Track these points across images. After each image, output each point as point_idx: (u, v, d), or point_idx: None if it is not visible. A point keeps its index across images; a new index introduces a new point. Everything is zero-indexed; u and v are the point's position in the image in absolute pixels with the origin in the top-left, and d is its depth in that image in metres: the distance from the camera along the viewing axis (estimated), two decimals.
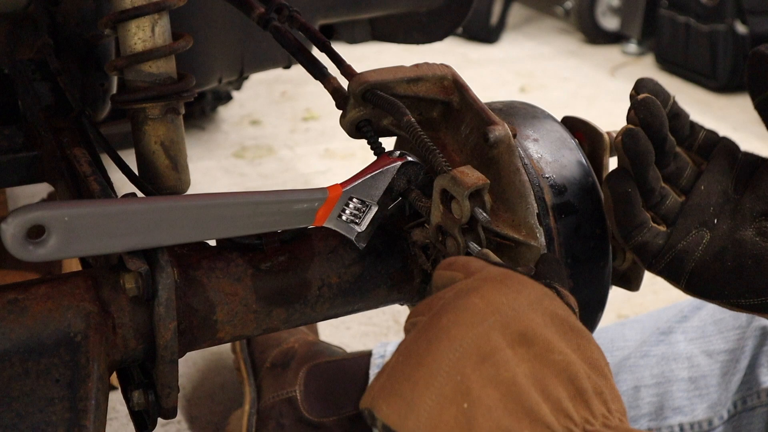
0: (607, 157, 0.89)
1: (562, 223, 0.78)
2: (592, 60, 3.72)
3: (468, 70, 3.31)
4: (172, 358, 0.72)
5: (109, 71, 0.88)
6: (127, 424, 1.41)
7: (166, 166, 0.88)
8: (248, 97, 2.94)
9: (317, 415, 1.30)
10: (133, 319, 0.71)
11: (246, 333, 0.78)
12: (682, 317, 1.29)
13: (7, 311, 0.66)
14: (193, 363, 1.57)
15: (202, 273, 0.75)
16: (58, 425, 0.67)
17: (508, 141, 0.75)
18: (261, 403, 1.34)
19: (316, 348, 1.39)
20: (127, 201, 0.66)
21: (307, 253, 0.79)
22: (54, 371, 0.67)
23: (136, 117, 0.87)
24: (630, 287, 0.91)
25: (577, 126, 0.90)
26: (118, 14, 0.84)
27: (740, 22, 3.23)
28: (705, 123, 0.89)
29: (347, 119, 0.81)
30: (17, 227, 0.59)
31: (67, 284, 0.70)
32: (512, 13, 4.08)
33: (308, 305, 0.80)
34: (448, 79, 0.81)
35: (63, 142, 0.88)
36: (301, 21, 0.94)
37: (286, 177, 2.43)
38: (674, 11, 3.45)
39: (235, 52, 1.36)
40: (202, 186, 2.30)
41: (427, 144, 0.74)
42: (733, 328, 1.23)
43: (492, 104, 0.87)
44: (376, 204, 0.75)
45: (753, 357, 1.19)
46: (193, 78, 0.89)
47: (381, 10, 1.47)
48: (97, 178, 0.79)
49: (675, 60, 3.48)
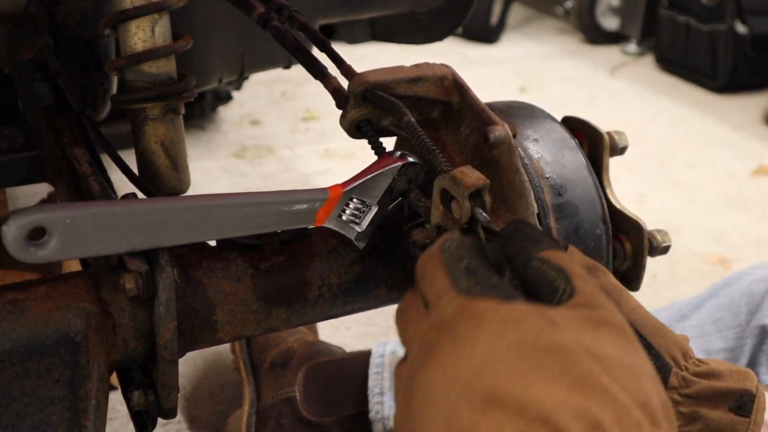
0: (607, 157, 0.89)
1: (562, 223, 0.78)
2: (592, 60, 3.72)
3: (468, 70, 3.30)
4: (172, 358, 0.72)
5: (109, 71, 0.88)
6: (127, 424, 1.41)
7: (166, 166, 0.88)
8: (248, 97, 2.94)
9: (316, 415, 1.30)
10: (133, 319, 0.71)
11: (246, 333, 0.78)
12: (681, 316, 1.29)
13: (7, 311, 0.67)
14: (193, 363, 1.57)
15: (202, 273, 0.75)
16: (58, 425, 0.67)
17: (508, 141, 0.75)
18: (260, 403, 1.34)
19: (315, 348, 1.39)
20: (128, 202, 0.66)
21: (307, 253, 0.79)
22: (54, 371, 0.67)
23: (136, 117, 0.87)
24: (630, 287, 0.91)
25: (577, 126, 0.89)
26: (118, 14, 0.84)
27: (740, 22, 3.23)
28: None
29: (347, 119, 0.81)
30: (18, 229, 0.59)
31: (67, 284, 0.70)
32: (512, 13, 4.08)
33: (308, 305, 0.80)
34: (448, 79, 0.81)
35: (63, 142, 0.88)
36: (301, 21, 0.94)
37: (286, 177, 2.43)
38: (674, 11, 3.45)
39: (235, 52, 1.36)
40: (202, 186, 2.30)
41: (428, 144, 0.74)
42: (732, 327, 1.23)
43: (492, 104, 0.87)
44: (377, 204, 0.75)
45: (752, 356, 1.19)
46: (193, 78, 0.89)
47: (381, 10, 1.47)
48: (97, 178, 0.79)
49: (675, 60, 3.48)
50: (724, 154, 2.73)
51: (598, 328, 0.53)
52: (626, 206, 0.86)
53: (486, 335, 0.52)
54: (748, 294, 1.24)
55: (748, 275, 1.28)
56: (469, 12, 1.47)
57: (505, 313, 0.53)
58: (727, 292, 1.28)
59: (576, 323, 0.53)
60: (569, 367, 0.50)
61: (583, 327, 0.53)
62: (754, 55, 3.23)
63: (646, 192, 2.45)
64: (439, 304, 0.56)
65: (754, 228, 2.27)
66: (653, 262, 0.89)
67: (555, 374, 0.49)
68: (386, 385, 1.30)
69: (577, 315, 0.53)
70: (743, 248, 2.15)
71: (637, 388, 0.50)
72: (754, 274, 1.28)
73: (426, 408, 0.52)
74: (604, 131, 0.90)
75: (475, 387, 0.50)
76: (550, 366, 0.50)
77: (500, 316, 0.53)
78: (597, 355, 0.51)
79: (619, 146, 0.88)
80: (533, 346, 0.51)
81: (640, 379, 0.51)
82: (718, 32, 3.25)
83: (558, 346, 0.50)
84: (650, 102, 3.18)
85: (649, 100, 3.20)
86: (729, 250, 2.14)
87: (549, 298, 0.56)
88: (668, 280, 1.99)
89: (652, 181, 2.53)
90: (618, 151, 0.88)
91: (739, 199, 2.43)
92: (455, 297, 0.55)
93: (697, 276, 2.01)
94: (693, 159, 2.70)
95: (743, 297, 1.25)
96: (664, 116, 3.04)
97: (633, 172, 2.54)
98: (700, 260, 2.09)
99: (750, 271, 1.29)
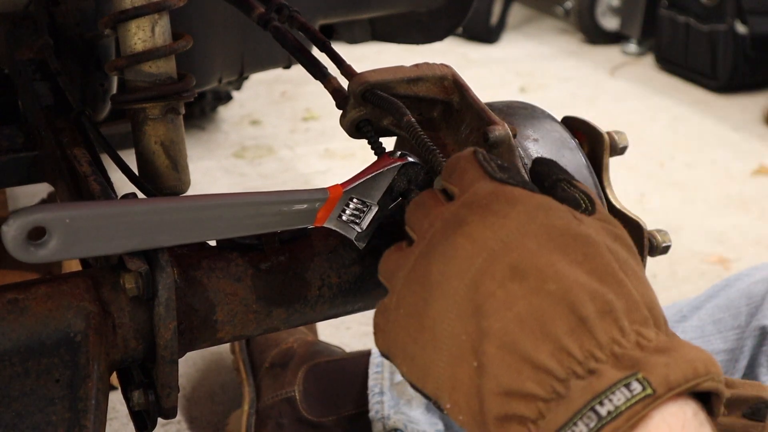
0: (607, 157, 0.89)
1: None
2: (592, 60, 3.72)
3: (468, 70, 3.31)
4: (172, 358, 0.72)
5: (109, 71, 0.88)
6: (127, 424, 1.41)
7: (166, 166, 0.88)
8: (248, 97, 2.94)
9: (316, 415, 1.30)
10: (133, 319, 0.71)
11: (246, 333, 0.78)
12: (681, 317, 1.29)
13: (7, 311, 0.66)
14: (193, 363, 1.57)
15: (202, 273, 0.75)
16: (58, 425, 0.67)
17: (508, 141, 0.75)
18: (260, 403, 1.34)
19: (315, 348, 1.39)
20: (128, 202, 0.66)
21: (307, 253, 0.79)
22: (54, 371, 0.67)
23: (136, 117, 0.87)
24: None
25: (577, 126, 0.89)
26: (118, 14, 0.84)
27: (740, 22, 3.23)
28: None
29: (347, 119, 0.81)
30: (18, 229, 0.59)
31: (67, 284, 0.70)
32: (512, 13, 4.09)
33: (308, 305, 0.80)
34: (448, 79, 0.81)
35: (63, 142, 0.88)
36: (301, 21, 0.94)
37: (286, 177, 2.43)
38: (674, 11, 3.45)
39: (235, 52, 1.36)
40: (202, 186, 2.30)
41: (427, 144, 0.74)
42: (732, 328, 1.23)
43: (492, 104, 0.87)
44: (377, 204, 0.75)
45: (752, 357, 1.19)
46: (193, 78, 0.89)
47: (381, 10, 1.47)
48: (97, 178, 0.79)
49: (675, 60, 3.48)
50: (724, 154, 2.73)
51: (615, 239, 0.56)
52: (626, 206, 0.86)
53: (518, 214, 0.54)
54: (747, 295, 1.24)
55: (747, 276, 1.28)
56: (469, 12, 1.47)
57: (538, 200, 0.56)
58: (726, 292, 1.28)
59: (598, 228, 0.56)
60: (592, 256, 0.52)
61: (604, 233, 0.56)
62: (754, 55, 3.23)
63: (646, 192, 2.45)
64: (471, 188, 0.58)
65: (754, 228, 2.27)
66: (653, 262, 0.89)
67: (578, 259, 0.52)
68: (386, 385, 1.30)
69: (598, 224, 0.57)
70: (743, 248, 2.15)
71: (646, 293, 0.53)
72: (753, 275, 1.28)
73: (446, 277, 0.54)
74: (604, 131, 0.89)
75: (501, 257, 0.52)
76: (575, 251, 0.53)
77: (534, 201, 0.56)
78: (615, 255, 0.54)
79: (619, 146, 0.88)
80: (561, 231, 0.53)
81: (647, 287, 0.54)
82: (718, 32, 3.25)
83: (584, 237, 0.54)
84: (650, 102, 3.18)
85: (649, 100, 3.20)
86: (729, 250, 2.14)
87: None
88: (668, 280, 1.99)
89: (652, 181, 2.53)
90: (618, 151, 0.88)
91: (739, 199, 2.43)
92: (490, 182, 0.58)
93: (697, 276, 2.02)
94: (693, 159, 2.70)
95: (743, 298, 1.25)
96: (664, 116, 3.04)
97: (633, 172, 2.54)
98: (700, 260, 2.09)
99: (750, 272, 1.30)
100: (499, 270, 0.52)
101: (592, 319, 0.50)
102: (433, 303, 0.54)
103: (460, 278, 0.53)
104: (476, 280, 0.52)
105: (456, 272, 0.53)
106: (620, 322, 0.50)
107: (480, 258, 0.53)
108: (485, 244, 0.53)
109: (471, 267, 0.53)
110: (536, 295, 0.50)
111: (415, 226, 0.61)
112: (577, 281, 0.51)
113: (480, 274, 0.52)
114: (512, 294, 0.51)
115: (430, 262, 0.55)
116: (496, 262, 0.52)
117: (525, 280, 0.51)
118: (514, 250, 0.52)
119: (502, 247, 0.53)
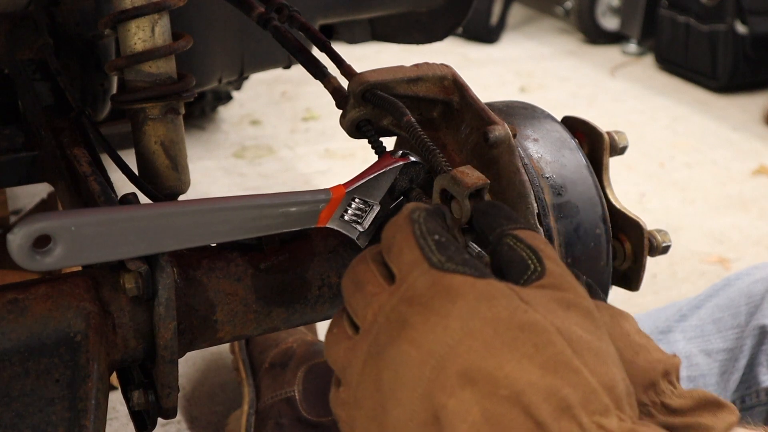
0: (607, 157, 0.89)
1: (562, 223, 0.78)
2: (592, 60, 3.72)
3: (468, 70, 3.31)
4: (172, 358, 0.72)
5: (109, 71, 0.88)
6: (127, 424, 1.41)
7: (166, 166, 0.88)
8: (248, 97, 2.94)
9: (316, 415, 1.30)
10: (133, 319, 0.71)
11: (246, 333, 0.78)
12: (680, 316, 1.29)
13: (7, 311, 0.67)
14: (193, 363, 1.57)
15: (202, 273, 0.75)
16: (58, 425, 0.67)
17: (508, 141, 0.75)
18: (260, 403, 1.34)
19: (314, 348, 1.39)
20: (132, 208, 0.66)
21: (307, 253, 0.79)
22: (54, 371, 0.67)
23: (136, 117, 0.87)
24: (630, 287, 0.91)
25: (577, 126, 0.89)
26: (118, 14, 0.84)
27: (740, 22, 3.23)
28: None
29: (347, 119, 0.81)
30: (24, 237, 0.59)
31: (67, 284, 0.70)
32: (512, 13, 4.09)
33: (308, 305, 0.80)
34: (448, 79, 0.81)
35: (63, 142, 0.88)
36: (301, 21, 0.94)
37: (286, 177, 2.43)
38: (674, 11, 3.45)
39: (235, 52, 1.36)
40: (202, 186, 2.30)
41: (427, 144, 0.74)
42: (732, 327, 1.23)
43: (492, 104, 0.87)
44: (378, 204, 0.75)
45: (752, 356, 1.19)
46: (193, 78, 0.89)
47: (381, 10, 1.47)
48: (97, 178, 0.79)
49: (675, 60, 3.48)
50: (724, 154, 2.73)
51: (567, 309, 0.53)
52: (626, 206, 0.86)
53: (460, 311, 0.51)
54: (747, 294, 1.24)
55: (747, 275, 1.29)
56: (469, 12, 1.47)
57: (479, 289, 0.52)
58: (726, 292, 1.28)
59: (547, 303, 0.53)
60: (542, 347, 0.50)
61: (553, 308, 0.53)
62: (754, 55, 3.23)
63: (646, 192, 2.45)
64: (409, 276, 0.55)
65: (754, 228, 2.27)
66: (653, 262, 0.89)
67: (528, 353, 0.49)
68: None
69: (547, 295, 0.53)
70: (743, 248, 2.15)
71: (605, 373, 0.50)
72: (753, 274, 1.28)
73: (398, 386, 0.52)
74: (604, 131, 0.90)
75: (449, 365, 0.50)
76: (524, 344, 0.50)
77: (475, 292, 0.52)
78: (568, 337, 0.51)
79: (619, 146, 0.88)
80: (507, 323, 0.50)
81: (606, 364, 0.51)
82: (718, 32, 3.25)
83: (531, 325, 0.50)
84: (650, 102, 3.19)
85: (649, 100, 3.20)
86: (729, 250, 2.14)
87: (518, 275, 0.56)
88: (668, 280, 1.99)
89: (651, 181, 2.53)
90: (618, 151, 0.88)
91: (739, 199, 2.43)
92: (427, 270, 0.54)
93: (697, 276, 2.02)
94: (693, 159, 2.70)
95: (743, 297, 1.25)
96: (664, 116, 3.04)
97: (633, 172, 2.54)
98: (700, 260, 2.09)
99: (749, 272, 1.30)
100: (448, 379, 0.49)
101: (549, 423, 0.47)
102: (392, 410, 0.52)
103: (412, 389, 0.51)
104: (428, 391, 0.50)
105: (407, 383, 0.51)
106: (579, 418, 0.47)
107: (428, 367, 0.51)
108: (431, 350, 0.51)
109: (421, 377, 0.51)
110: (489, 401, 0.48)
111: (358, 312, 0.58)
112: (529, 381, 0.48)
113: (430, 384, 0.50)
114: (465, 402, 0.49)
115: (380, 369, 0.53)
116: (444, 370, 0.50)
117: (476, 386, 0.49)
118: (460, 355, 0.50)
119: (449, 352, 0.50)
